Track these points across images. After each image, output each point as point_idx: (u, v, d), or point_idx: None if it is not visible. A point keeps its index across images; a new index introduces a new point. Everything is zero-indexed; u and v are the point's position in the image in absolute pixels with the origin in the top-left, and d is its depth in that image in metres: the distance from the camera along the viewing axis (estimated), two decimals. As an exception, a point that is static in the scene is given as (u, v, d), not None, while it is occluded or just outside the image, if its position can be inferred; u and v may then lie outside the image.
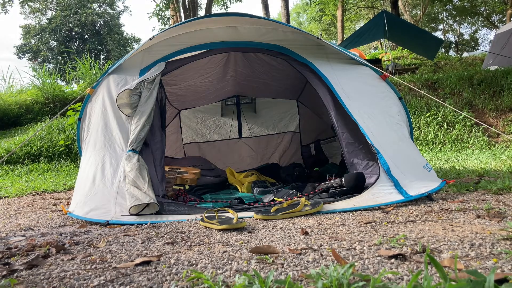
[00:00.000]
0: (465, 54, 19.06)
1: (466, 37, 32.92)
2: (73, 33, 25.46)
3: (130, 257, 1.02)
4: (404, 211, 1.48)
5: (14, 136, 6.56)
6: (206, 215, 1.43)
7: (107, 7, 27.35)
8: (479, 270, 0.77)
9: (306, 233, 1.19)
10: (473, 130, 5.52)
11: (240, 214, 1.59)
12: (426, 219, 1.31)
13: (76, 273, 0.89)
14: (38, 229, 1.53)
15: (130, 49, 24.74)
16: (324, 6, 19.17)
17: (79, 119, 2.15)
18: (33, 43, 25.21)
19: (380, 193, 1.67)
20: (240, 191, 2.65)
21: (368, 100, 2.04)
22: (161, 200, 1.73)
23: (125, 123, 1.95)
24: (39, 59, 24.32)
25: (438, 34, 29.67)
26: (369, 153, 1.91)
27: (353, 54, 2.27)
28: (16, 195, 3.02)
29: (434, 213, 1.40)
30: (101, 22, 26.33)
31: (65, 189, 3.32)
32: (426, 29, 24.78)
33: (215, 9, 16.80)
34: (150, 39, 2.10)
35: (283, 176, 2.93)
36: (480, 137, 5.34)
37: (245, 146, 3.88)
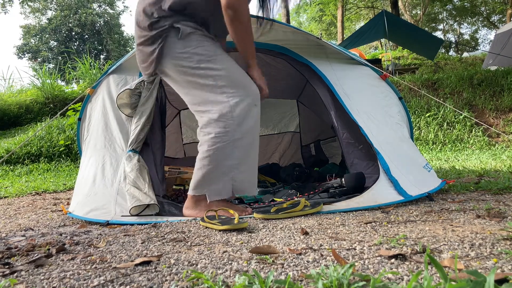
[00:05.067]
0: (465, 54, 19.07)
1: (466, 37, 32.95)
2: (73, 33, 25.46)
3: (130, 257, 1.02)
4: (404, 211, 1.48)
5: (14, 136, 6.57)
6: (206, 215, 1.43)
7: (107, 7, 27.34)
8: (479, 270, 0.77)
9: (306, 233, 1.19)
10: (473, 130, 5.53)
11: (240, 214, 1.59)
12: (426, 219, 1.31)
13: (76, 273, 0.89)
14: (38, 229, 1.53)
15: (130, 49, 24.73)
16: (324, 6, 19.19)
17: (79, 119, 2.15)
18: (33, 43, 25.21)
19: (380, 193, 1.67)
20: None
21: (368, 100, 2.04)
22: (162, 200, 1.73)
23: (125, 123, 1.95)
24: (39, 59, 24.32)
25: (438, 34, 29.69)
26: (369, 153, 1.91)
27: (353, 54, 2.27)
28: (16, 195, 3.02)
29: (434, 213, 1.40)
30: (101, 22, 26.32)
31: (65, 189, 3.32)
32: (426, 29, 24.79)
33: (215, 9, 16.73)
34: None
35: (283, 176, 2.93)
36: (480, 137, 5.35)
37: (245, 146, 3.87)
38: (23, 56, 25.23)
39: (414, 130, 5.58)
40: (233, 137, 1.52)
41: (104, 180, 1.77)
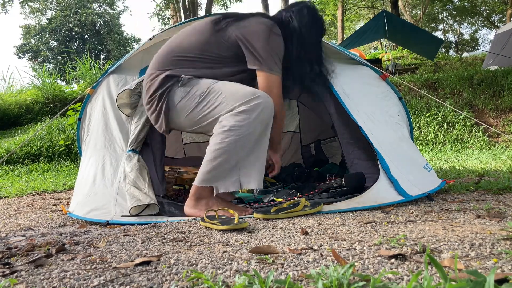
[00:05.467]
0: (465, 54, 19.08)
1: (466, 37, 32.97)
2: (73, 33, 25.46)
3: (130, 257, 1.02)
4: (404, 211, 1.48)
5: (14, 136, 6.57)
6: (206, 215, 1.43)
7: (107, 7, 27.35)
8: (479, 270, 0.77)
9: (306, 233, 1.19)
10: (473, 130, 5.53)
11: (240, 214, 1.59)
12: (426, 219, 1.31)
13: (76, 273, 0.90)
14: (38, 229, 1.53)
15: (130, 49, 24.75)
16: (324, 6, 19.18)
17: (79, 119, 2.15)
18: (33, 43, 25.21)
19: (380, 193, 1.66)
20: (240, 191, 2.64)
21: (368, 100, 2.04)
22: (161, 200, 1.73)
23: (125, 123, 1.95)
24: (39, 59, 24.32)
25: (438, 34, 29.70)
26: (369, 153, 1.91)
27: (353, 54, 2.27)
28: (16, 195, 3.02)
29: (434, 213, 1.40)
30: (101, 22, 26.32)
31: (65, 189, 3.32)
32: (426, 29, 24.79)
33: (215, 9, 16.81)
34: (150, 39, 2.10)
35: (283, 176, 2.92)
36: (480, 137, 5.35)
37: (245, 146, 3.86)
38: (23, 56, 25.23)
39: (414, 130, 5.58)
40: (247, 131, 1.54)
41: (104, 180, 1.77)
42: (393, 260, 0.87)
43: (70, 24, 25.03)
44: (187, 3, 13.86)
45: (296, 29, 1.75)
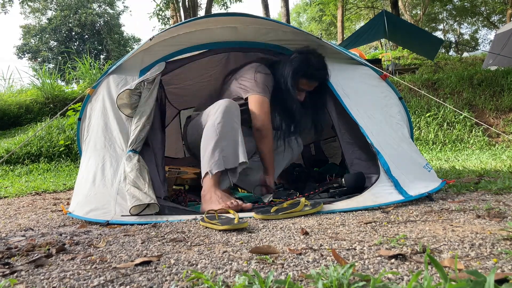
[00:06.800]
0: (465, 54, 19.10)
1: (466, 37, 32.97)
2: (73, 33, 25.46)
3: (130, 257, 1.02)
4: (404, 211, 1.48)
5: (14, 136, 6.57)
6: (206, 215, 1.43)
7: (107, 7, 27.33)
8: (479, 270, 0.77)
9: (306, 233, 1.19)
10: (473, 130, 5.52)
11: (240, 214, 1.59)
12: (426, 219, 1.31)
13: (76, 273, 0.90)
14: (38, 229, 1.53)
15: (130, 49, 24.72)
16: (324, 6, 19.20)
17: (79, 119, 2.15)
18: (33, 43, 25.20)
19: (380, 193, 1.66)
20: (240, 191, 2.64)
21: (368, 100, 2.04)
22: (163, 203, 1.72)
23: (125, 123, 1.95)
24: (39, 59, 24.31)
25: (438, 34, 29.70)
26: (369, 153, 1.91)
27: (353, 54, 2.27)
28: (16, 195, 3.02)
29: (434, 213, 1.40)
30: (101, 22, 26.32)
31: (65, 189, 3.32)
32: (426, 29, 24.80)
33: (215, 9, 16.80)
34: (150, 39, 2.10)
35: (283, 176, 2.92)
36: (480, 137, 5.35)
37: (245, 146, 3.85)
38: (23, 56, 25.22)
39: (414, 130, 5.57)
40: (211, 121, 1.88)
41: (104, 180, 1.77)
42: (393, 260, 0.87)
43: (70, 24, 25.01)
44: (187, 3, 13.86)
45: (284, 68, 2.08)
